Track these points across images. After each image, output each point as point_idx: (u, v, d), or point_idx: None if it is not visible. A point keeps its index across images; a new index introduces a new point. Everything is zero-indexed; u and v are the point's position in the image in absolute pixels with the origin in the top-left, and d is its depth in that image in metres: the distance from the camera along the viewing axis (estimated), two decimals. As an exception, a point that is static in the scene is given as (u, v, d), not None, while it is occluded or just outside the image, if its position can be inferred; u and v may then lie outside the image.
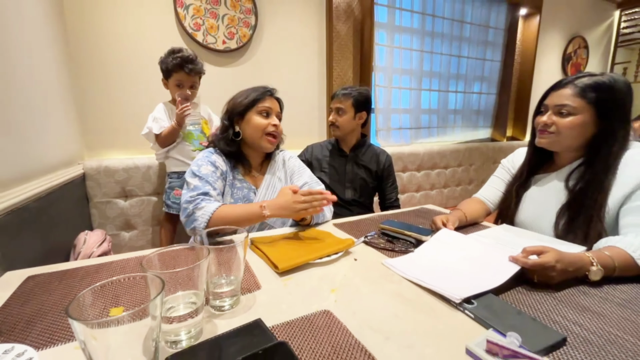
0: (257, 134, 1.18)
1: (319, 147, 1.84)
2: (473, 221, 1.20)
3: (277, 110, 1.24)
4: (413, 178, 2.84)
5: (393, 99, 2.88)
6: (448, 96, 3.26)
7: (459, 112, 3.37)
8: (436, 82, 3.15)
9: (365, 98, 1.71)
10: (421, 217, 1.33)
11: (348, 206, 1.73)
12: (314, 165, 1.78)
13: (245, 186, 1.21)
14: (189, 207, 1.02)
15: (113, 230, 1.85)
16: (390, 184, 1.82)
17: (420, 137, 3.12)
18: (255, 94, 1.19)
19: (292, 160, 1.35)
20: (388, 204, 1.81)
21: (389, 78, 2.81)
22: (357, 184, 1.74)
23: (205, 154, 1.18)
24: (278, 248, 0.93)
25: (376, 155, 1.80)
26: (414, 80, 3.00)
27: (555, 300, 0.72)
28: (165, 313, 0.57)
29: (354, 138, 1.78)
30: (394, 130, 2.92)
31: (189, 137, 1.74)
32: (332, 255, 0.89)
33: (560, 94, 1.01)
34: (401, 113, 2.96)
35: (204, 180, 1.08)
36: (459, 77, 3.29)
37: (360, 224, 1.23)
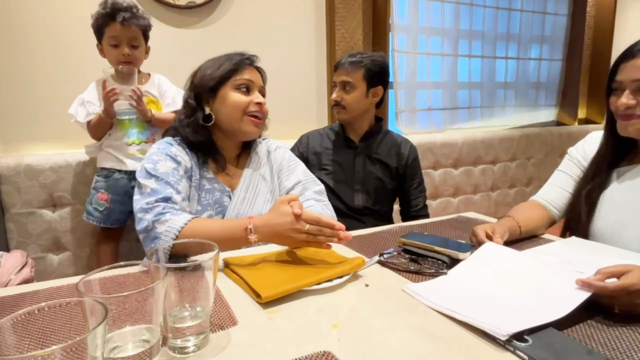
0: (235, 114, 1.20)
1: (317, 137, 1.87)
2: (530, 233, 1.21)
3: (260, 84, 1.27)
4: (448, 177, 2.86)
5: (419, 70, 2.91)
6: (495, 64, 3.29)
7: (511, 85, 3.40)
8: (478, 45, 3.18)
9: (381, 68, 1.74)
10: (457, 229, 1.34)
11: (358, 216, 1.75)
12: (311, 162, 1.80)
13: (216, 187, 1.23)
14: (147, 218, 1.03)
15: (37, 252, 1.87)
16: (415, 185, 1.84)
17: (458, 121, 3.14)
18: (230, 64, 1.22)
19: (279, 152, 1.38)
20: (413, 212, 1.83)
21: (413, 40, 2.84)
22: (371, 185, 1.76)
23: (161, 145, 1.20)
24: (260, 271, 0.95)
25: (396, 146, 1.82)
26: (448, 43, 3.03)
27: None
28: (108, 354, 0.58)
29: (365, 123, 1.80)
30: (420, 112, 2.95)
31: (122, 126, 1.77)
32: (334, 279, 0.91)
33: (637, 65, 1.03)
34: (431, 88, 2.99)
35: (163, 182, 1.10)
36: (509, 38, 3.32)
37: (374, 239, 1.24)
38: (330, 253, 1.05)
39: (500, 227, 1.11)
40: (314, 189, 1.33)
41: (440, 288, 0.88)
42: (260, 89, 1.26)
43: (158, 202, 1.05)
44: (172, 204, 1.07)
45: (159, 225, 1.02)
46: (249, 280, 0.89)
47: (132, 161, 1.76)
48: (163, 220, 1.02)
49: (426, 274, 0.96)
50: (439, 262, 1.00)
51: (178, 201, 1.09)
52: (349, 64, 1.71)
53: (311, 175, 1.37)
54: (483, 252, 0.99)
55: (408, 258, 1.04)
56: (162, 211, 1.04)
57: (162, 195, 1.06)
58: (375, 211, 1.77)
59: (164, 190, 1.08)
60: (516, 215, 1.21)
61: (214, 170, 1.25)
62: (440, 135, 2.86)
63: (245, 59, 1.25)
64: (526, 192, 3.26)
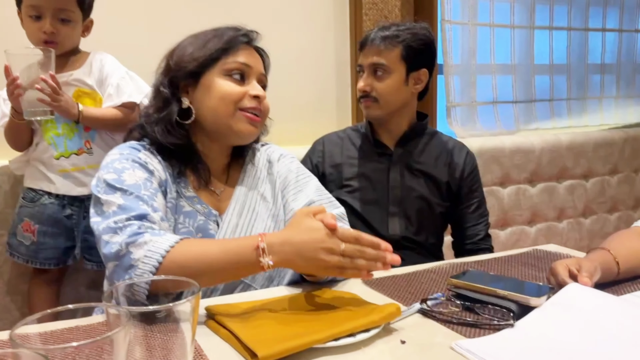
0: (223, 109, 1.23)
1: (336, 143, 1.90)
2: (632, 272, 1.21)
3: (260, 70, 1.30)
4: (522, 197, 2.86)
5: (480, 48, 2.94)
6: (587, 39, 3.29)
7: (610, 69, 3.39)
8: (563, 11, 3.19)
9: (425, 43, 1.77)
10: (531, 267, 1.35)
11: (394, 249, 1.76)
12: (328, 178, 1.83)
13: (199, 210, 1.26)
14: (117, 240, 1.02)
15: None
16: (474, 207, 1.85)
17: (535, 120, 3.14)
18: (220, 42, 1.26)
19: (284, 162, 1.41)
20: (470, 245, 1.84)
21: (471, 6, 2.87)
22: (412, 207, 1.78)
23: (124, 150, 1.22)
24: (257, 322, 0.96)
25: (447, 153, 1.84)
26: (521, 10, 3.05)
27: None
28: None
29: (404, 121, 1.83)
30: (482, 106, 2.97)
31: (45, 132, 1.80)
32: (358, 333, 0.92)
33: None
34: (496, 73, 3.01)
35: (133, 196, 1.10)
36: (609, 2, 3.32)
37: (415, 280, 1.25)
38: (354, 298, 1.06)
39: (590, 262, 1.11)
40: (332, 212, 1.34)
41: (505, 345, 0.88)
42: (259, 77, 1.29)
43: (131, 220, 1.05)
44: (149, 223, 1.07)
45: (135, 249, 1.01)
46: (242, 334, 0.90)
47: (64, 181, 1.80)
48: (141, 242, 1.01)
49: (485, 327, 0.96)
50: (503, 310, 1.00)
51: (156, 220, 1.09)
52: (380, 39, 1.74)
53: (327, 194, 1.39)
54: (565, 296, 0.99)
55: (461, 305, 1.04)
56: (138, 231, 1.03)
57: (136, 213, 1.06)
58: (418, 243, 1.79)
59: (137, 207, 1.07)
60: (613, 247, 1.21)
61: (194, 186, 1.28)
62: (511, 138, 2.87)
63: (242, 35, 1.28)
64: (634, 218, 3.20)
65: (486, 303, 1.03)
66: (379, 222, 1.78)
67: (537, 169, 2.88)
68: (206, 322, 1.01)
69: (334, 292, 1.14)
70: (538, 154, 2.87)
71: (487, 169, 2.68)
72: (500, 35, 3.01)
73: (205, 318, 1.02)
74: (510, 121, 3.06)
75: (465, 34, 2.87)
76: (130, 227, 1.03)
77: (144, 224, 1.05)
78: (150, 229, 1.05)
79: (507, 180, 2.82)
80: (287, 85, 2.54)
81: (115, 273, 1.04)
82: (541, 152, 2.88)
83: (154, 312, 0.69)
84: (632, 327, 0.90)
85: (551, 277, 1.11)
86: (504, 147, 2.78)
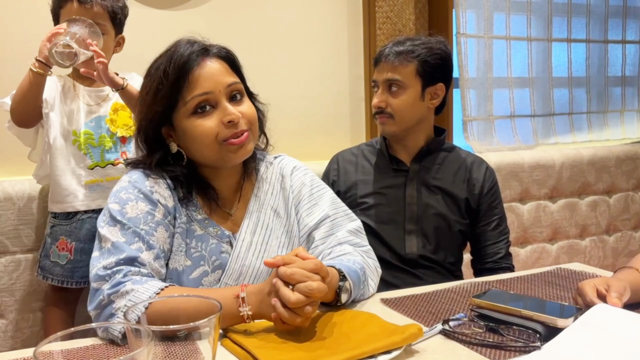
0: (207, 149, 1.21)
1: (350, 160, 1.90)
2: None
3: (225, 82, 1.22)
4: (542, 214, 2.84)
5: (496, 61, 2.95)
6: (607, 51, 3.28)
7: (631, 81, 3.38)
8: (581, 24, 3.20)
9: (442, 58, 1.77)
10: (556, 286, 1.33)
11: (412, 269, 1.76)
12: (344, 196, 1.82)
13: (211, 233, 1.26)
14: (102, 289, 1.06)
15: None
16: (494, 225, 1.84)
17: (554, 134, 3.13)
18: (167, 81, 1.18)
19: (297, 175, 1.40)
20: (490, 264, 1.83)
21: (487, 19, 2.89)
22: (429, 225, 1.77)
23: (133, 176, 1.23)
24: (273, 343, 0.96)
25: (466, 169, 1.83)
26: (537, 23, 3.06)
27: None
28: None
29: (421, 136, 1.83)
30: (500, 120, 2.96)
31: (83, 142, 1.81)
32: (379, 355, 0.91)
33: None
34: (514, 87, 3.00)
35: (131, 231, 1.13)
36: (629, 13, 3.32)
37: (435, 300, 1.24)
38: (374, 319, 1.06)
39: (619, 282, 1.09)
40: (348, 226, 1.34)
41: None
42: (227, 91, 1.22)
43: (119, 264, 1.08)
44: (137, 267, 1.10)
45: (117, 299, 1.04)
46: (260, 355, 0.90)
47: (91, 194, 1.81)
48: (123, 291, 1.04)
49: (511, 349, 0.95)
50: (529, 331, 0.99)
51: (147, 261, 1.12)
52: (394, 55, 1.74)
53: (343, 207, 1.39)
54: (593, 317, 0.97)
55: (484, 326, 1.03)
56: (122, 279, 1.06)
57: (126, 255, 1.09)
58: (436, 262, 1.77)
59: (128, 247, 1.11)
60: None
61: (205, 208, 1.28)
62: (530, 153, 2.85)
63: (188, 60, 1.19)
64: (660, 236, 3.19)
65: (511, 324, 1.02)
66: (396, 240, 1.77)
67: (558, 185, 2.86)
68: (222, 341, 1.01)
69: (354, 312, 1.13)
70: (558, 169, 2.85)
71: (505, 185, 2.66)
72: (517, 48, 3.01)
73: (222, 337, 1.02)
74: (529, 135, 3.05)
75: (481, 47, 2.88)
76: (116, 275, 1.06)
77: (131, 269, 1.08)
78: (136, 274, 1.08)
79: (527, 196, 2.80)
80: (301, 100, 2.55)
81: (95, 321, 1.07)
82: (562, 167, 2.86)
83: (175, 332, 0.69)
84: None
85: (578, 298, 1.10)
86: (523, 162, 2.76)
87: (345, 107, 2.67)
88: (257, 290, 1.04)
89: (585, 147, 3.04)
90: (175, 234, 1.22)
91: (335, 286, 1.11)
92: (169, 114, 1.21)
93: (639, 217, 3.14)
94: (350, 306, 1.19)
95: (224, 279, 1.23)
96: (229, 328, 1.04)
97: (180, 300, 1.02)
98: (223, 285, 1.23)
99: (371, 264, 1.31)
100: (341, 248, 1.28)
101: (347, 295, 1.15)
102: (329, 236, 1.31)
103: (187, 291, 1.11)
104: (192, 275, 1.22)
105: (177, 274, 1.21)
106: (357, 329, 1.02)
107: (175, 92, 1.19)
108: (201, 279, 1.23)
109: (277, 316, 0.98)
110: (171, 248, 1.21)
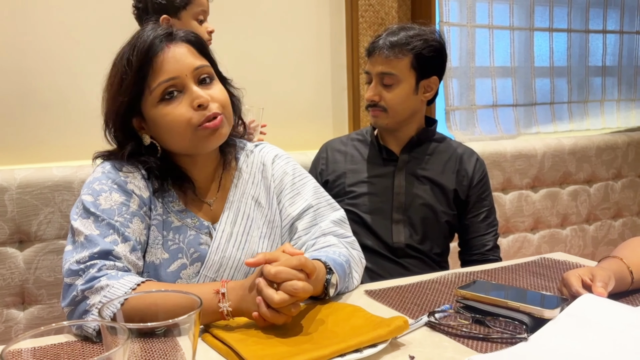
0: (180, 137, 1.17)
1: (339, 149, 1.89)
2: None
3: (192, 65, 1.18)
4: (524, 204, 2.86)
5: (479, 50, 2.95)
6: (588, 41, 3.31)
7: (611, 71, 3.41)
8: (563, 14, 3.21)
9: (437, 50, 1.75)
10: (540, 276, 1.34)
11: (398, 258, 1.75)
12: (331, 186, 1.81)
13: (189, 224, 1.24)
14: (76, 285, 1.03)
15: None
16: (483, 215, 1.85)
17: (536, 123, 3.15)
18: (131, 70, 1.15)
19: (279, 163, 1.38)
20: (477, 255, 1.84)
21: (469, 8, 2.89)
22: (417, 215, 1.77)
23: (107, 167, 1.20)
24: (258, 338, 0.95)
25: (456, 160, 1.83)
26: (520, 12, 3.07)
27: None
28: None
29: (413, 127, 1.82)
30: (482, 109, 2.97)
31: None
32: (365, 349, 0.90)
33: None
34: (496, 76, 3.01)
35: (105, 223, 1.10)
36: (610, 3, 3.34)
37: (421, 291, 1.24)
38: (359, 311, 1.05)
39: (603, 272, 1.10)
40: (332, 216, 1.33)
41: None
42: (195, 75, 1.18)
43: (93, 258, 1.05)
44: (112, 261, 1.07)
45: (92, 296, 1.01)
46: (242, 350, 0.89)
47: None
48: (97, 287, 1.01)
49: (497, 341, 0.95)
50: (515, 322, 0.98)
51: (123, 254, 1.09)
52: (389, 47, 1.71)
53: (325, 196, 1.37)
54: (579, 308, 0.97)
55: (470, 318, 1.03)
56: (96, 274, 1.03)
57: (100, 248, 1.06)
58: (422, 252, 1.77)
59: (103, 239, 1.08)
60: (625, 255, 1.20)
61: (182, 198, 1.26)
62: (512, 143, 2.87)
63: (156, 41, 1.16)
64: (638, 225, 3.22)
65: (497, 315, 1.02)
66: (383, 229, 1.76)
67: (540, 174, 2.88)
68: (203, 336, 0.99)
69: (338, 304, 1.12)
70: (540, 159, 2.87)
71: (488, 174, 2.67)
72: (500, 37, 3.02)
73: (203, 332, 1.00)
74: (511, 125, 3.07)
75: (464, 36, 2.88)
76: (90, 269, 1.03)
77: (105, 263, 1.05)
78: (112, 268, 1.05)
79: (509, 186, 2.81)
80: (283, 89, 2.53)
81: (69, 318, 1.04)
82: (543, 156, 2.88)
83: (152, 329, 0.68)
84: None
85: (563, 288, 1.10)
86: (505, 151, 2.78)
87: (327, 96, 2.66)
88: (238, 286, 1.02)
89: (566, 137, 3.06)
90: (151, 226, 1.20)
91: (322, 280, 1.10)
92: (137, 104, 1.18)
93: (618, 207, 3.18)
94: (335, 298, 1.18)
95: (203, 272, 1.21)
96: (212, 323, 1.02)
97: (158, 296, 0.97)
98: (202, 278, 1.21)
99: (355, 256, 1.30)
100: (325, 239, 1.27)
101: (334, 289, 1.14)
102: (312, 226, 1.30)
103: (166, 286, 1.09)
104: (170, 269, 1.19)
105: (155, 268, 1.18)
106: (342, 322, 1.01)
107: (140, 80, 1.15)
108: (179, 272, 1.20)
109: (259, 315, 0.97)
110: (147, 240, 1.19)
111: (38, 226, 1.89)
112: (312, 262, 1.03)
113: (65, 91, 2.14)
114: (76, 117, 2.15)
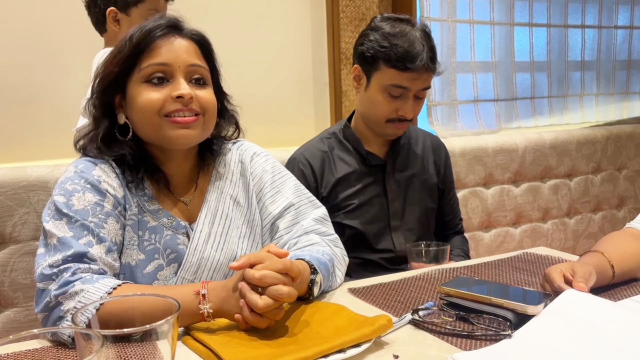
0: (148, 121, 1.15)
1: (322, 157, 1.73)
2: (627, 275, 1.22)
3: (188, 61, 1.18)
4: (506, 198, 2.87)
5: (459, 45, 2.95)
6: (568, 36, 3.34)
7: (590, 65, 3.44)
8: (543, 8, 3.23)
9: None
10: (522, 271, 1.34)
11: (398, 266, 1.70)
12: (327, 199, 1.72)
13: (166, 223, 1.22)
14: (49, 290, 1.00)
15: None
16: (451, 196, 1.89)
17: (517, 118, 3.17)
18: (136, 37, 1.15)
19: (258, 161, 1.37)
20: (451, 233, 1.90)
21: (449, 3, 2.89)
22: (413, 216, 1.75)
23: (81, 164, 1.18)
24: (239, 340, 0.94)
25: (429, 150, 1.83)
26: (500, 7, 3.08)
27: None
28: None
29: None
30: (463, 104, 2.98)
31: None
32: (348, 349, 0.90)
33: None
34: (477, 71, 3.02)
35: (79, 225, 1.08)
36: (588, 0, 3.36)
37: (403, 288, 1.24)
38: (342, 310, 1.04)
39: (584, 267, 1.10)
40: (313, 214, 1.31)
41: (505, 357, 0.87)
42: (188, 70, 1.18)
43: (67, 262, 1.02)
44: (87, 263, 1.04)
45: (66, 301, 0.99)
46: (223, 353, 0.88)
47: None
48: (72, 292, 0.99)
49: (481, 338, 0.95)
50: (499, 319, 0.99)
51: (98, 256, 1.06)
52: (429, 59, 1.57)
53: (306, 193, 1.35)
54: (562, 303, 0.98)
55: (454, 315, 1.03)
56: (70, 278, 1.00)
57: (74, 251, 1.03)
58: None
59: (76, 242, 1.05)
60: (606, 249, 1.21)
61: (157, 195, 1.23)
62: (493, 137, 2.87)
63: (158, 28, 1.17)
64: (618, 218, 3.26)
65: (481, 312, 1.02)
66: (383, 240, 1.72)
67: (521, 169, 2.90)
68: (184, 339, 0.98)
69: (322, 303, 1.11)
70: (521, 153, 2.89)
71: (470, 169, 2.69)
72: (480, 32, 3.02)
73: (183, 334, 0.99)
74: (492, 120, 3.08)
75: (444, 30, 2.88)
76: (64, 273, 1.01)
77: (80, 266, 1.03)
78: (86, 271, 1.03)
79: (491, 181, 2.82)
80: (263, 85, 2.52)
81: (42, 323, 1.02)
82: (524, 151, 2.90)
83: (130, 335, 0.67)
84: (633, 334, 0.89)
85: (546, 284, 1.11)
86: (487, 146, 2.78)
87: (309, 92, 2.65)
88: (219, 287, 1.01)
89: (547, 131, 3.08)
90: (126, 226, 1.17)
91: (307, 280, 1.09)
92: (124, 79, 1.17)
93: (598, 200, 3.21)
94: (319, 297, 1.18)
95: (180, 273, 1.19)
96: (192, 326, 1.00)
97: (135, 300, 0.95)
98: (180, 279, 1.19)
99: (339, 254, 1.29)
100: (308, 237, 1.26)
101: (318, 289, 1.14)
102: (294, 225, 1.29)
103: (143, 289, 1.07)
104: (147, 270, 1.17)
105: (131, 269, 1.16)
106: (325, 322, 1.00)
107: (134, 55, 1.15)
108: (156, 273, 1.18)
109: (241, 317, 0.96)
110: (123, 241, 1.17)
111: (13, 227, 1.85)
112: (297, 265, 1.01)
113: (40, 89, 2.10)
114: (51, 116, 2.11)
